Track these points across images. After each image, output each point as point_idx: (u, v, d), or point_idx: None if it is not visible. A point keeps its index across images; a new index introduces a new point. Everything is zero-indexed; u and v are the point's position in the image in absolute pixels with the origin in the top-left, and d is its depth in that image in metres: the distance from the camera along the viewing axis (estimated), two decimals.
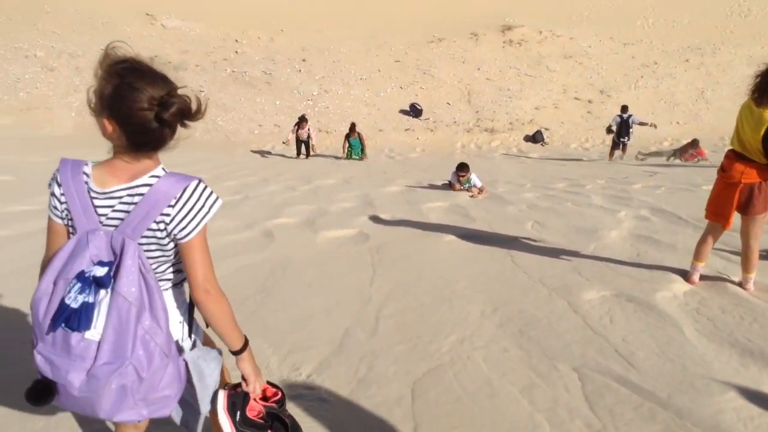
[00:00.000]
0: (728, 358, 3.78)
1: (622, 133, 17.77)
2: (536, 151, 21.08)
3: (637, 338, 4.09)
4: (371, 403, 3.25)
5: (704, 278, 5.35)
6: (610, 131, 18.16)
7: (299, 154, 19.01)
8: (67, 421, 3.04)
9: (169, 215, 1.72)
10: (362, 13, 33.06)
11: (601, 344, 3.99)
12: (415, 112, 23.82)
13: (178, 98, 1.67)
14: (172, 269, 1.90)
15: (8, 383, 3.43)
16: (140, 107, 1.63)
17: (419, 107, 23.85)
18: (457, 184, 10.97)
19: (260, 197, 10.25)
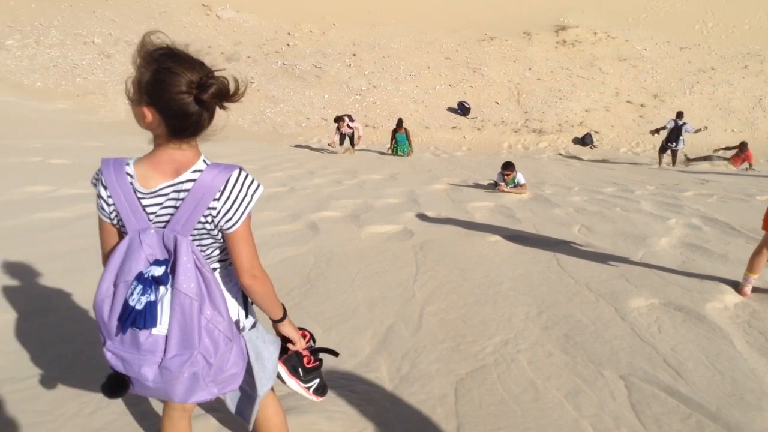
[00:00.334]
0: None
1: (671, 138, 17.31)
2: (585, 153, 20.76)
3: (685, 348, 4.00)
4: (414, 400, 3.25)
5: (756, 291, 5.20)
6: (655, 132, 17.74)
7: (341, 144, 18.82)
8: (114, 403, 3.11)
9: (215, 208, 1.75)
10: (414, 9, 33.00)
11: (648, 353, 3.91)
12: (462, 110, 23.68)
13: (215, 80, 1.68)
14: (222, 254, 1.95)
15: (66, 360, 3.53)
16: (179, 90, 1.64)
17: (467, 105, 23.70)
18: (502, 183, 10.88)
19: (306, 189, 10.33)
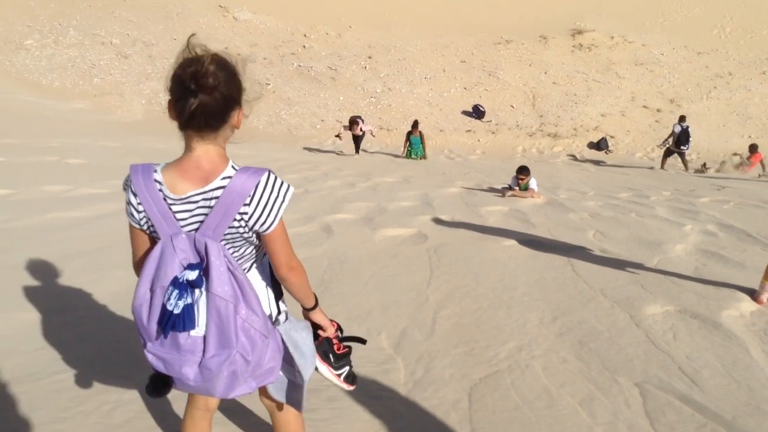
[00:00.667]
0: None
1: (681, 141, 17.53)
2: (600, 158, 20.66)
3: (701, 356, 3.97)
4: (428, 405, 3.26)
5: None
6: (665, 143, 18.09)
7: (357, 150, 18.84)
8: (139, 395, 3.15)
9: (246, 213, 1.78)
10: (430, 12, 32.98)
11: (663, 360, 3.89)
12: (477, 113, 23.63)
13: (196, 61, 1.69)
14: (255, 250, 1.98)
15: (86, 359, 3.57)
16: (175, 77, 1.71)
17: (482, 109, 23.65)
18: (516, 187, 10.86)
19: (320, 191, 10.36)
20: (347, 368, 2.34)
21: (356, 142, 18.71)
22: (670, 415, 3.20)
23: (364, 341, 2.46)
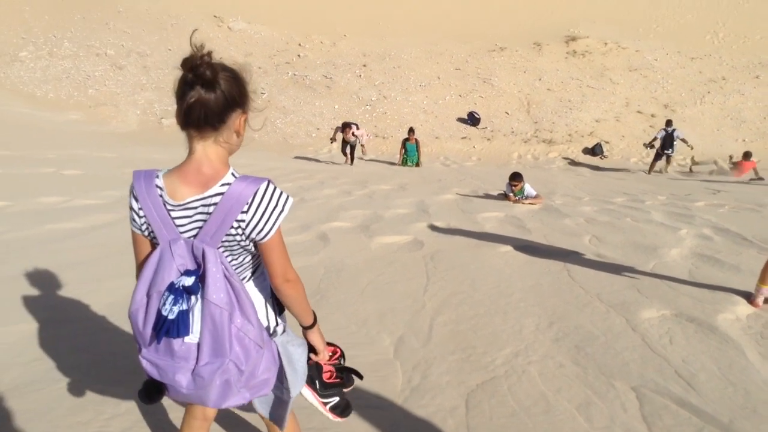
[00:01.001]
0: None
1: (666, 145, 18.38)
2: (595, 163, 20.72)
3: (697, 360, 3.98)
4: (425, 412, 3.26)
5: None
6: (649, 145, 18.95)
7: (345, 155, 18.49)
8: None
9: (244, 221, 1.78)
10: (425, 20, 33.11)
11: (660, 364, 3.90)
12: (472, 120, 23.69)
13: (197, 57, 1.71)
14: (254, 260, 1.98)
15: (82, 370, 3.57)
16: (180, 77, 1.74)
17: (477, 116, 23.71)
18: (511, 194, 10.88)
19: (316, 200, 10.37)
20: (336, 399, 2.28)
21: (351, 151, 18.38)
22: (666, 418, 3.21)
23: (360, 377, 2.41)
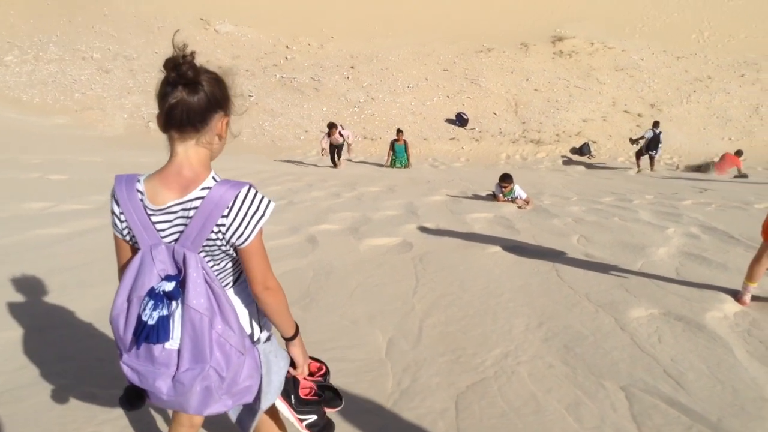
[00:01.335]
0: None
1: (651, 146, 18.75)
2: (582, 163, 20.83)
3: (686, 358, 4.00)
4: (415, 414, 3.25)
5: (756, 299, 5.21)
6: (635, 142, 19.33)
7: (333, 162, 18.03)
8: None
9: (224, 225, 1.76)
10: (412, 21, 33.13)
11: (649, 363, 3.91)
12: (461, 121, 23.74)
13: (179, 57, 1.71)
14: (236, 266, 1.96)
15: (68, 378, 3.53)
16: (161, 82, 1.74)
17: (465, 117, 23.75)
18: (500, 195, 10.89)
19: (305, 203, 10.34)
20: (314, 417, 2.22)
21: (337, 152, 17.89)
22: (656, 417, 3.22)
23: (339, 403, 2.38)
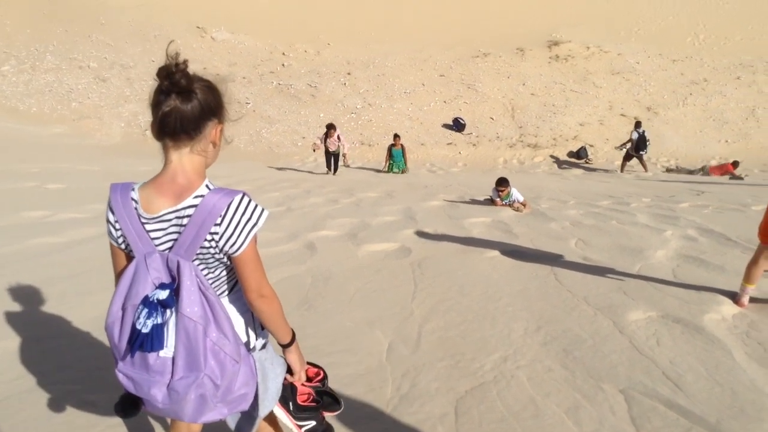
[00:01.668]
0: None
1: (640, 147, 19.16)
2: (579, 167, 20.86)
3: (684, 361, 4.01)
4: (414, 419, 3.25)
5: (754, 301, 5.22)
6: (622, 147, 19.87)
7: (329, 168, 17.86)
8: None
9: (217, 233, 1.77)
10: (408, 27, 33.20)
11: (647, 366, 3.92)
12: (458, 126, 23.75)
13: (172, 66, 1.71)
14: (231, 274, 1.96)
15: (66, 387, 3.53)
16: (154, 90, 1.75)
17: (462, 122, 23.77)
18: (498, 199, 10.91)
19: (303, 209, 10.34)
20: (312, 423, 2.23)
21: (334, 159, 17.70)
22: (655, 420, 3.22)
23: (339, 407, 2.37)
